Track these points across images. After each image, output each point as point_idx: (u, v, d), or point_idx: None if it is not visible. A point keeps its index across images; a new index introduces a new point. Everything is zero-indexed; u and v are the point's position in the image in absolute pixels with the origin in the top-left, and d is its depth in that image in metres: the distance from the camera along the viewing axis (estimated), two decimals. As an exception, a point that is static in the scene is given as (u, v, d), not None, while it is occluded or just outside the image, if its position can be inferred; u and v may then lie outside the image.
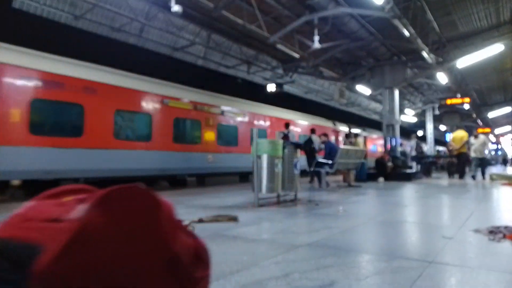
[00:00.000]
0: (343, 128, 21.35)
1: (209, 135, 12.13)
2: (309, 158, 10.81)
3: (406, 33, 10.63)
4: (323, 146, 10.54)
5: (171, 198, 6.83)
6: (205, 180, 12.68)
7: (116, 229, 0.97)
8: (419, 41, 11.53)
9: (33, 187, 7.89)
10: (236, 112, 13.32)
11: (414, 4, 10.33)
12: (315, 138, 11.32)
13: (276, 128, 15.16)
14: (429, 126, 25.33)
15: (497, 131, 41.50)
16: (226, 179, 13.93)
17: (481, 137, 12.49)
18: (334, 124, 20.42)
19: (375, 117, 28.66)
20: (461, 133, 13.39)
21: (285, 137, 11.39)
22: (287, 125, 12.95)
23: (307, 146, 11.01)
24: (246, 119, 13.78)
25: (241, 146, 13.32)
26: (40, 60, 8.04)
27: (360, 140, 13.65)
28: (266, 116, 15.00)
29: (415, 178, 13.04)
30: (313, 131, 12.24)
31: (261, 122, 14.76)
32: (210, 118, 12.15)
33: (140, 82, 10.14)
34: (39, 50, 8.43)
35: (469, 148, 12.87)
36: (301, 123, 17.25)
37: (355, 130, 21.85)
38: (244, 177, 14.12)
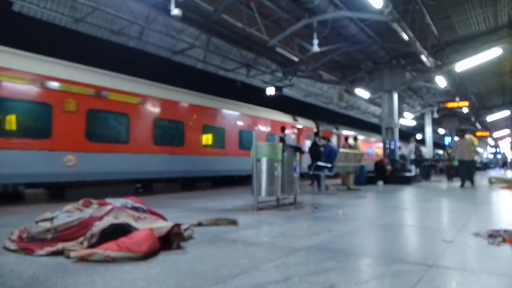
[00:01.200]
0: (307, 125, 18.27)
1: (69, 126, 8.52)
2: (315, 162, 10.73)
3: (405, 37, 10.67)
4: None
5: (169, 202, 6.83)
6: (64, 192, 8.90)
7: None
8: (418, 44, 11.57)
9: None
10: (127, 96, 9.71)
11: (412, 7, 10.37)
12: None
13: (204, 121, 12.05)
14: (428, 129, 25.37)
15: (496, 134, 41.56)
16: (110, 189, 9.62)
17: (467, 137, 11.25)
18: (295, 120, 17.25)
19: (374, 120, 28.71)
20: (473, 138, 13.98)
21: (282, 140, 11.39)
22: (283, 128, 12.93)
23: (313, 150, 10.99)
24: (148, 106, 10.32)
25: (135, 143, 9.88)
26: None
27: (360, 143, 13.66)
28: (186, 104, 11.54)
29: (414, 182, 13.04)
30: (317, 134, 12.21)
31: (176, 112, 11.19)
32: (70, 101, 8.53)
33: None
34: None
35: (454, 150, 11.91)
36: (247, 117, 14.14)
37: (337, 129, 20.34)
38: (147, 186, 10.70)
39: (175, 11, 8.89)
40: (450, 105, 20.04)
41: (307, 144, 16.45)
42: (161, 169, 10.56)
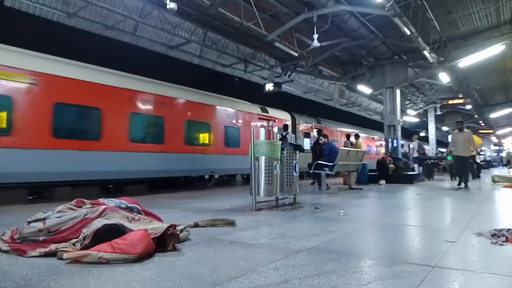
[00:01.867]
0: (281, 117, 15.88)
1: None
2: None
3: (407, 32, 10.57)
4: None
5: (164, 202, 6.76)
6: None
7: None
8: (420, 40, 11.47)
9: None
10: (8, 73, 7.55)
11: (414, 2, 10.27)
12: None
13: (132, 109, 9.77)
14: (431, 126, 25.23)
15: (499, 132, 41.51)
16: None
17: (466, 131, 10.31)
18: (265, 111, 14.81)
19: (375, 117, 28.66)
20: (476, 138, 15.33)
21: (284, 138, 11.32)
22: (285, 126, 12.83)
23: (316, 149, 10.93)
24: (44, 88, 8.01)
25: (22, 135, 7.64)
26: None
27: (361, 141, 13.58)
28: (105, 87, 9.28)
29: (417, 180, 12.95)
30: (320, 132, 12.17)
31: (89, 96, 8.87)
32: None
33: None
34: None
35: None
36: (197, 105, 11.78)
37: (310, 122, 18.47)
38: (43, 191, 8.42)
39: (171, 5, 8.78)
40: (450, 102, 19.98)
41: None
42: (65, 169, 8.29)
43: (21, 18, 11.45)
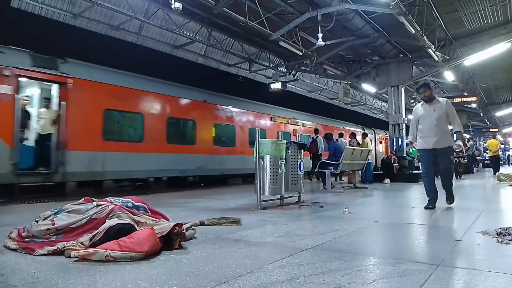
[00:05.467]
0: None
1: None
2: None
3: (412, 30, 10.51)
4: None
5: (169, 201, 6.79)
6: None
7: None
8: (425, 38, 11.40)
9: None
10: None
11: (419, 0, 10.21)
12: (341, 140, 11.41)
13: None
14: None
15: (505, 130, 41.08)
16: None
17: (440, 100, 5.55)
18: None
19: (381, 116, 28.48)
20: (496, 141, 17.48)
21: (314, 142, 11.53)
22: (316, 130, 12.88)
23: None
24: None
25: None
26: None
27: (368, 140, 13.54)
28: None
29: (421, 179, 12.84)
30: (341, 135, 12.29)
31: None
32: None
33: None
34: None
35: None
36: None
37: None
38: None
39: (176, 5, 8.81)
40: (455, 100, 19.78)
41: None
42: None
43: (27, 18, 11.59)
